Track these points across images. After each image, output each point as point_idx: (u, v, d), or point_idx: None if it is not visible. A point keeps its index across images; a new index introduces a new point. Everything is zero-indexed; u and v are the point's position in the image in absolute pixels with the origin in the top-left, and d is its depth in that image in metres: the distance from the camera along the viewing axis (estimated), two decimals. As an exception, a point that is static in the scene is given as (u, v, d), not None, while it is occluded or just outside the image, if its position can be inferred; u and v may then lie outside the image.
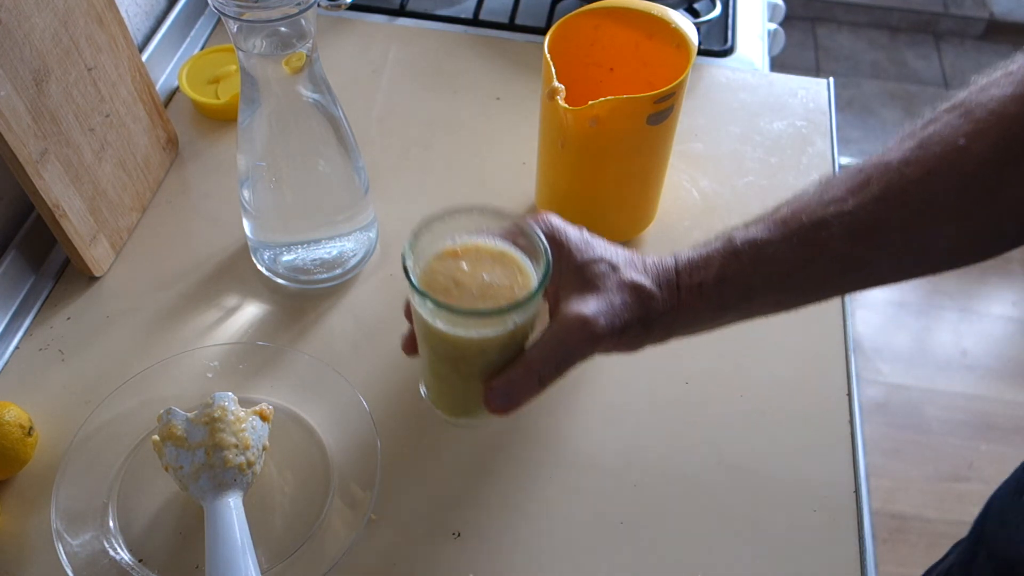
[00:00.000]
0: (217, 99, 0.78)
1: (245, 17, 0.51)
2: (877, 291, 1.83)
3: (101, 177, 0.66)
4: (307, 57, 0.54)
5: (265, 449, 0.55)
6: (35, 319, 0.65)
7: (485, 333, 0.45)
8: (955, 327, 1.78)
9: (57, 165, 0.61)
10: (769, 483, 0.58)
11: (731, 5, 0.92)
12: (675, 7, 0.70)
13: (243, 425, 0.53)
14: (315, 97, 0.57)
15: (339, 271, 0.67)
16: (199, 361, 0.61)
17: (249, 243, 0.67)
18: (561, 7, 0.92)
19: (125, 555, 0.53)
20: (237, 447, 0.52)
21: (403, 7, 0.92)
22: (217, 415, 0.53)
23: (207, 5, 0.89)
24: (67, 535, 0.52)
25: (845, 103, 2.27)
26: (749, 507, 0.57)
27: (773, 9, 1.02)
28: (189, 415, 0.53)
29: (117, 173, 0.68)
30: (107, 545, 0.53)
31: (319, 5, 0.53)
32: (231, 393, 0.54)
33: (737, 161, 0.77)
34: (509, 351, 0.47)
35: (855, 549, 0.55)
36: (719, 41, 0.90)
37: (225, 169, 0.75)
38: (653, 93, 0.59)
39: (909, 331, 1.78)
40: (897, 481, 1.53)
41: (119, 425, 0.57)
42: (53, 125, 0.60)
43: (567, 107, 0.59)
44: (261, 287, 0.67)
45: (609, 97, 0.58)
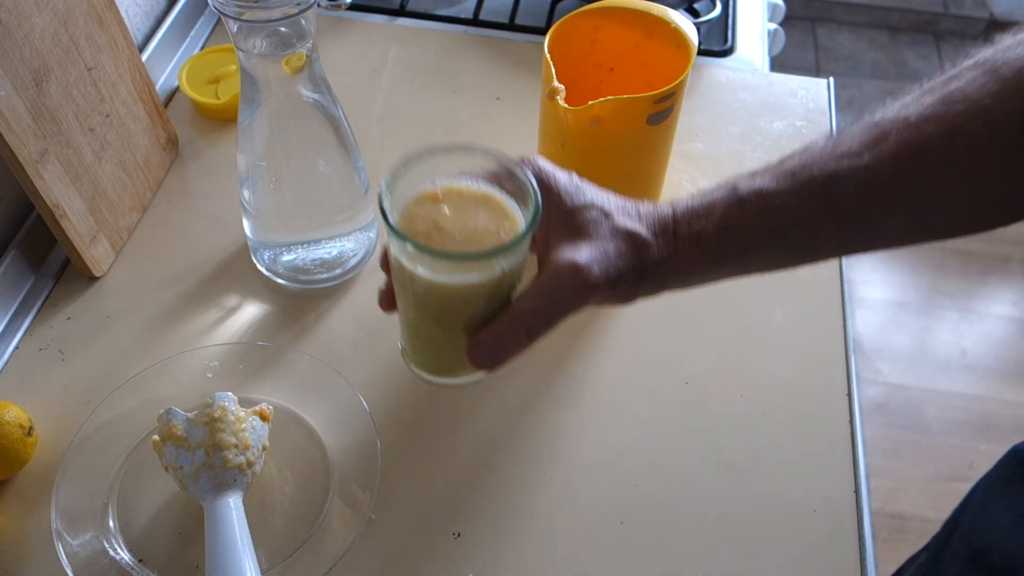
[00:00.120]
0: (217, 99, 0.78)
1: (245, 17, 0.51)
2: (877, 291, 1.84)
3: (101, 177, 0.66)
4: (307, 57, 0.54)
5: (265, 449, 0.55)
6: (35, 319, 0.65)
7: (470, 280, 0.42)
8: (955, 327, 1.78)
9: (57, 165, 0.61)
10: (769, 483, 0.58)
11: (731, 5, 0.92)
12: (675, 7, 0.70)
13: (243, 425, 0.53)
14: (315, 97, 0.57)
15: (339, 271, 0.67)
16: (199, 361, 0.61)
17: (249, 243, 0.67)
18: (561, 7, 0.92)
19: (125, 555, 0.53)
20: (237, 447, 0.52)
21: (403, 7, 0.92)
22: (217, 415, 0.53)
23: (207, 5, 0.89)
24: (67, 535, 0.52)
25: (845, 103, 2.27)
26: (749, 507, 0.57)
27: (773, 9, 1.02)
28: (189, 415, 0.53)
29: (117, 173, 0.68)
30: (107, 545, 0.53)
31: (319, 5, 0.53)
32: (231, 393, 0.54)
33: (737, 161, 0.77)
34: (495, 301, 0.44)
35: (855, 549, 0.55)
36: (719, 41, 0.90)
37: (225, 169, 0.75)
38: (653, 93, 0.59)
39: (909, 331, 1.78)
40: (897, 481, 1.53)
41: (119, 425, 0.57)
42: (53, 125, 0.60)
43: (567, 107, 0.59)
44: (261, 287, 0.67)
45: (609, 97, 0.58)
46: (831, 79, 0.85)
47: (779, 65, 0.94)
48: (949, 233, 0.44)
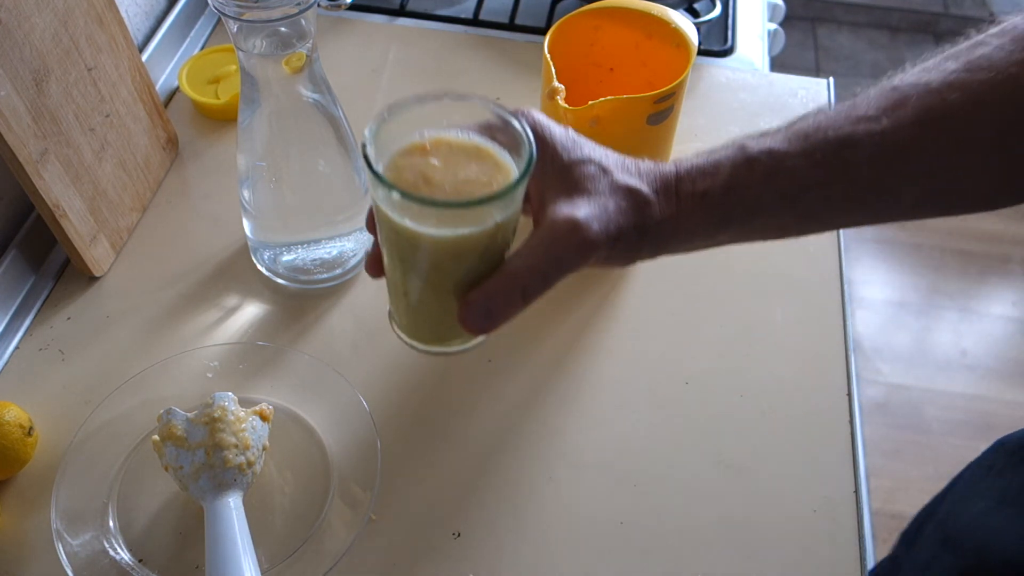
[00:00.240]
0: (217, 99, 0.78)
1: (245, 17, 0.51)
2: (877, 291, 1.84)
3: (101, 177, 0.66)
4: (307, 57, 0.54)
5: (265, 449, 0.55)
6: (35, 319, 0.65)
7: (461, 232, 0.39)
8: (955, 327, 1.78)
9: (57, 165, 0.61)
10: (769, 483, 0.58)
11: (731, 5, 0.92)
12: (675, 7, 0.70)
13: (243, 425, 0.53)
14: (315, 97, 0.57)
15: (339, 271, 0.67)
16: (199, 361, 0.61)
17: (249, 243, 0.67)
18: (561, 7, 0.92)
19: (125, 555, 0.53)
20: (237, 447, 0.52)
21: (403, 7, 0.92)
22: (217, 415, 0.53)
23: (207, 5, 0.89)
24: (67, 535, 0.52)
25: (845, 103, 2.27)
26: (749, 507, 0.57)
27: (773, 9, 1.02)
28: (189, 415, 0.53)
29: (117, 173, 0.68)
30: (107, 545, 0.53)
31: (319, 5, 0.53)
32: (231, 393, 0.54)
33: (737, 161, 0.77)
34: (488, 259, 0.41)
35: (855, 549, 0.55)
36: (719, 41, 0.90)
37: (225, 169, 0.75)
38: (653, 93, 0.59)
39: (909, 331, 1.78)
40: (897, 481, 1.53)
41: (119, 425, 0.57)
42: (53, 125, 0.60)
43: (567, 107, 0.59)
44: (261, 287, 0.67)
45: (609, 97, 0.58)
46: (831, 79, 0.85)
47: (779, 65, 0.94)
48: (964, 208, 0.42)
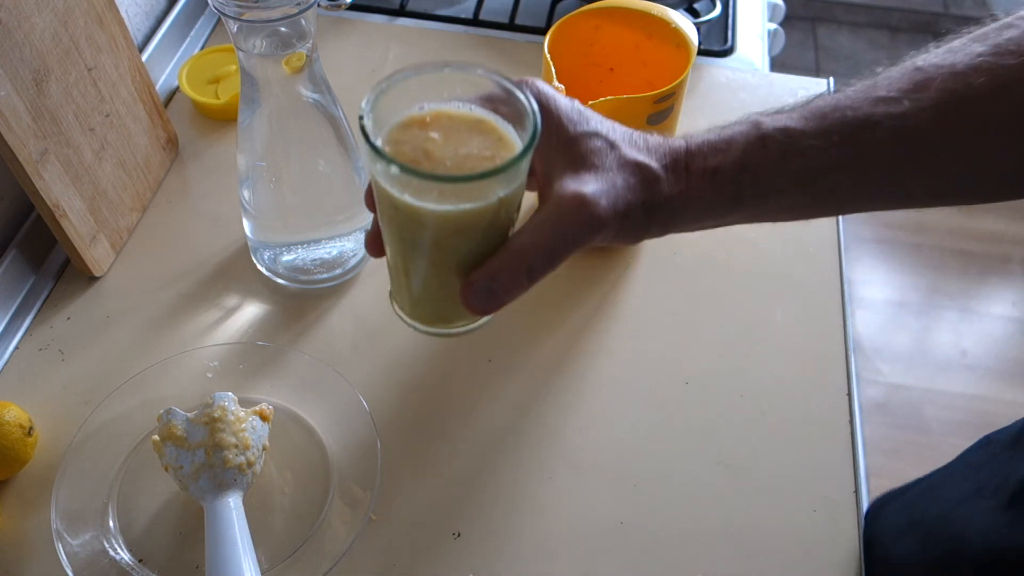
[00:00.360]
0: (217, 99, 0.78)
1: (245, 17, 0.51)
2: (877, 291, 1.84)
3: (101, 177, 0.66)
4: (307, 57, 0.54)
5: (265, 449, 0.55)
6: (35, 319, 0.65)
7: (463, 207, 0.37)
8: (955, 327, 1.78)
9: (57, 165, 0.61)
10: (769, 483, 0.58)
11: (731, 5, 0.92)
12: (675, 7, 0.70)
13: (243, 425, 0.53)
14: (315, 97, 0.57)
15: (339, 271, 0.67)
16: (199, 361, 0.61)
17: (249, 243, 0.67)
18: (561, 7, 0.92)
19: (125, 555, 0.53)
20: (237, 447, 0.52)
21: (403, 7, 0.92)
22: (217, 415, 0.53)
23: (207, 5, 0.89)
24: (67, 535, 0.52)
25: (845, 103, 2.26)
26: (749, 507, 0.57)
27: (773, 9, 1.02)
28: (189, 415, 0.53)
29: (117, 173, 0.68)
30: (107, 545, 0.53)
31: (319, 5, 0.53)
32: (231, 393, 0.54)
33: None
34: (491, 236, 0.40)
35: (855, 549, 0.55)
36: (719, 41, 0.90)
37: (225, 169, 0.75)
38: (653, 93, 0.59)
39: (909, 331, 1.78)
40: (897, 481, 1.52)
41: (119, 425, 0.57)
42: (53, 125, 0.60)
43: (567, 107, 0.59)
44: (261, 287, 0.67)
45: (609, 97, 0.58)
46: (831, 79, 0.85)
47: (779, 65, 0.94)
48: (984, 196, 0.41)
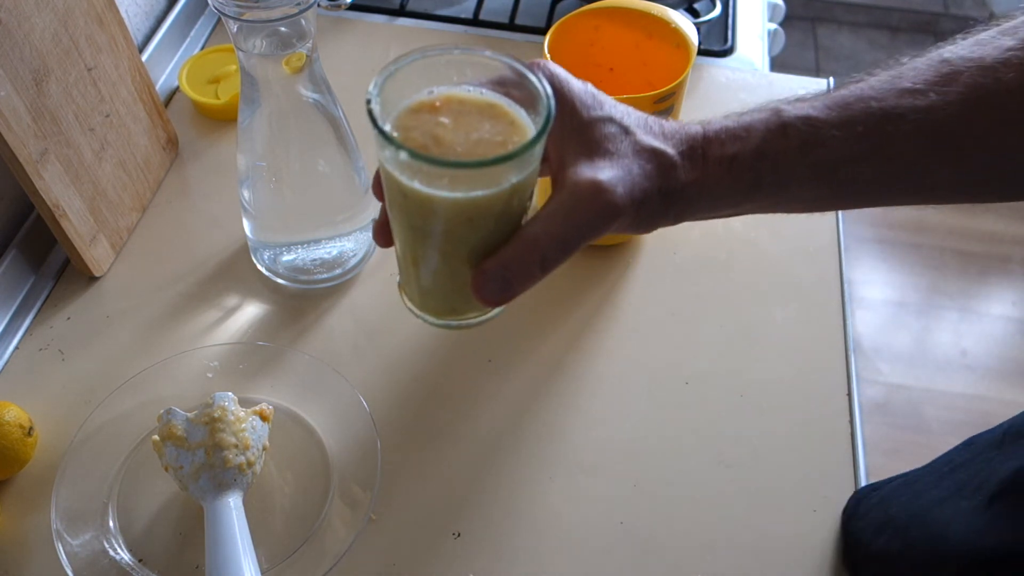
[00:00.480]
0: (217, 99, 0.78)
1: (245, 17, 0.51)
2: (877, 291, 1.84)
3: (101, 177, 0.66)
4: (307, 57, 0.54)
5: (265, 449, 0.55)
6: (35, 319, 0.65)
7: (474, 194, 0.36)
8: (955, 327, 1.78)
9: (57, 165, 0.61)
10: (769, 483, 0.58)
11: (731, 5, 0.92)
12: (675, 7, 0.70)
13: (243, 425, 0.53)
14: (315, 97, 0.57)
15: (339, 271, 0.67)
16: (199, 361, 0.61)
17: (249, 243, 0.67)
18: (561, 7, 0.92)
19: (125, 555, 0.53)
20: (237, 447, 0.52)
21: (403, 7, 0.92)
22: (217, 415, 0.53)
23: (207, 5, 0.89)
24: (67, 535, 0.52)
25: (845, 103, 2.26)
26: (749, 507, 0.57)
27: (773, 9, 1.02)
28: (189, 415, 0.53)
29: (117, 173, 0.68)
30: (107, 545, 0.53)
31: (319, 5, 0.53)
32: (231, 393, 0.54)
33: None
34: (504, 223, 0.38)
35: (855, 549, 0.55)
36: (719, 41, 0.90)
37: (225, 169, 0.75)
38: (653, 93, 0.59)
39: (909, 331, 1.78)
40: (897, 481, 1.52)
41: (119, 425, 0.57)
42: (53, 125, 0.60)
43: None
44: (261, 287, 0.67)
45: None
46: (831, 79, 0.85)
47: (779, 65, 0.94)
48: (1009, 194, 0.40)
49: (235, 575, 0.48)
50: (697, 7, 0.91)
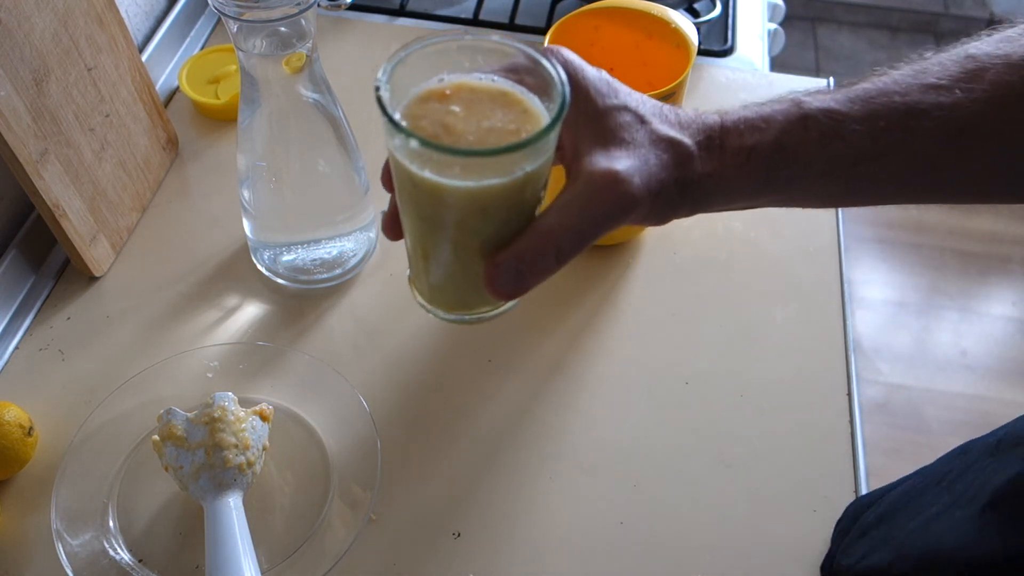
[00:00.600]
0: (217, 99, 0.78)
1: (245, 17, 0.51)
2: (877, 291, 1.84)
3: (101, 177, 0.66)
4: (307, 57, 0.54)
5: (265, 449, 0.55)
6: (35, 319, 0.65)
7: (487, 183, 0.35)
8: (955, 327, 1.78)
9: (57, 165, 0.61)
10: (769, 483, 0.58)
11: (731, 5, 0.92)
12: (675, 7, 0.70)
13: (243, 425, 0.53)
14: (315, 97, 0.57)
15: (339, 271, 0.67)
16: (199, 361, 0.61)
17: (249, 243, 0.67)
18: (561, 7, 0.92)
19: (125, 555, 0.53)
20: (237, 447, 0.52)
21: (403, 7, 0.92)
22: (217, 415, 0.53)
23: (207, 5, 0.89)
24: (67, 535, 0.52)
25: (845, 103, 2.26)
26: (749, 507, 0.57)
27: (773, 9, 1.02)
28: (189, 415, 0.53)
29: (117, 173, 0.68)
30: (107, 545, 0.53)
31: (319, 5, 0.53)
32: (231, 393, 0.54)
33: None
34: (517, 214, 0.37)
35: (855, 549, 0.55)
36: (719, 41, 0.90)
37: (225, 169, 0.75)
38: (653, 93, 0.59)
39: (909, 331, 1.78)
40: (897, 481, 1.53)
41: (119, 425, 0.57)
42: (53, 125, 0.60)
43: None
44: (261, 287, 0.67)
45: (609, 97, 0.58)
46: (831, 79, 0.85)
47: (779, 65, 0.94)
48: None
49: (235, 575, 0.48)
50: (697, 7, 0.91)
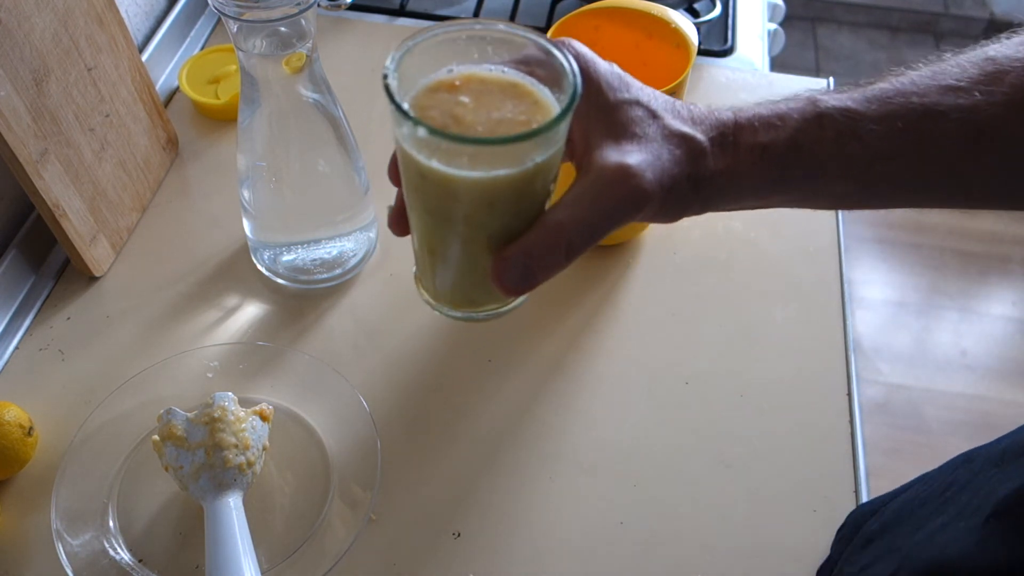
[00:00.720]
0: (217, 99, 0.78)
1: (245, 17, 0.51)
2: (877, 291, 1.84)
3: (101, 177, 0.66)
4: (307, 57, 0.54)
5: (265, 449, 0.55)
6: (35, 319, 0.65)
7: (495, 173, 0.34)
8: (955, 327, 1.78)
9: (57, 165, 0.61)
10: (769, 483, 0.58)
11: (731, 5, 0.92)
12: (675, 7, 0.70)
13: (243, 425, 0.53)
14: (315, 97, 0.57)
15: (339, 271, 0.67)
16: (199, 361, 0.61)
17: (249, 243, 0.67)
18: (561, 7, 0.92)
19: (125, 555, 0.53)
20: (237, 447, 0.52)
21: (403, 7, 0.92)
22: (217, 415, 0.53)
23: (207, 5, 0.89)
24: (67, 535, 0.52)
25: (845, 103, 2.26)
26: (749, 507, 0.57)
27: (773, 9, 1.02)
28: (189, 415, 0.53)
29: (117, 173, 0.68)
30: (107, 545, 0.53)
31: (319, 5, 0.53)
32: (231, 393, 0.54)
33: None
34: (526, 207, 0.37)
35: (855, 549, 0.55)
36: (719, 41, 0.90)
37: (225, 169, 0.75)
38: (653, 93, 0.59)
39: (909, 331, 1.78)
40: (897, 481, 1.52)
41: (119, 425, 0.57)
42: (53, 125, 0.60)
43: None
44: (261, 287, 0.67)
45: (609, 97, 0.58)
46: (831, 79, 0.85)
47: (779, 65, 0.94)
48: None
49: (235, 575, 0.48)
50: (697, 7, 0.91)
